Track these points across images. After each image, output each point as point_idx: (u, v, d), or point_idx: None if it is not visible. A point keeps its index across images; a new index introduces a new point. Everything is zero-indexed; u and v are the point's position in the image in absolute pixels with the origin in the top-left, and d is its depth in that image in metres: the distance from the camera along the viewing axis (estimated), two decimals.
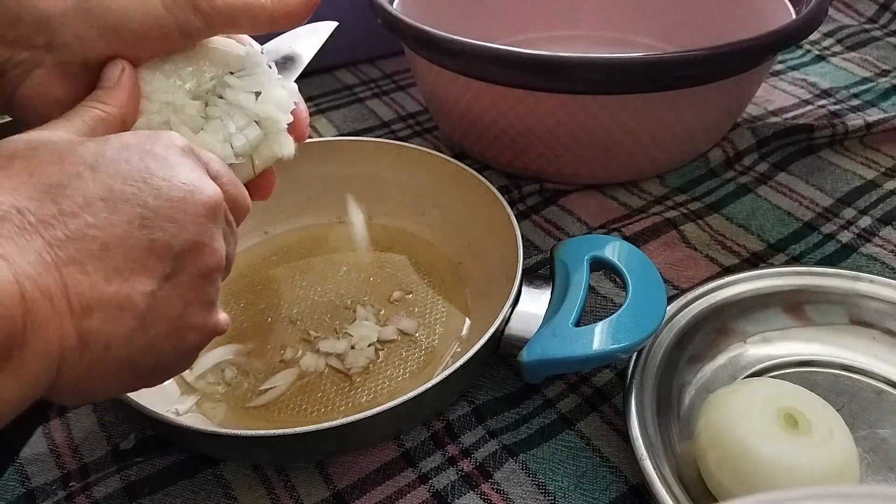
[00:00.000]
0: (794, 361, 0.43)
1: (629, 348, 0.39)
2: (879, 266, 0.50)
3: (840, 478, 0.33)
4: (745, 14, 0.64)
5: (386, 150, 0.53)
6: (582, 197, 0.57)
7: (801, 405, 0.35)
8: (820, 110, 0.66)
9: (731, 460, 0.34)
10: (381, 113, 0.70)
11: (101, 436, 0.41)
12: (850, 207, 0.55)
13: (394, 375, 0.43)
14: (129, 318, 0.24)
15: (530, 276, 0.44)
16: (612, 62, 0.47)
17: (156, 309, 0.25)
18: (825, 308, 0.44)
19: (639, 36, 0.73)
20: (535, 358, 0.39)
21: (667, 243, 0.52)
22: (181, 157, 0.27)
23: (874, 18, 0.83)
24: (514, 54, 0.48)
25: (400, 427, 0.40)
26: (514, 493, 0.37)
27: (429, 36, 0.51)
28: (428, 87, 0.60)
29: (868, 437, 0.38)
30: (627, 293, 0.41)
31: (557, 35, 0.75)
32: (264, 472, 0.39)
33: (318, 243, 0.53)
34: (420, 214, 0.53)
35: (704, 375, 0.42)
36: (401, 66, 0.77)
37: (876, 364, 0.42)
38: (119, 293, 0.24)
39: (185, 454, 0.40)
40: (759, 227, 0.54)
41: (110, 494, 0.38)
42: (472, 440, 0.40)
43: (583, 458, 0.39)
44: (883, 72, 0.72)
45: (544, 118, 0.52)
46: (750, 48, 0.48)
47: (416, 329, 0.46)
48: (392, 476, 0.38)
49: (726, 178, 0.59)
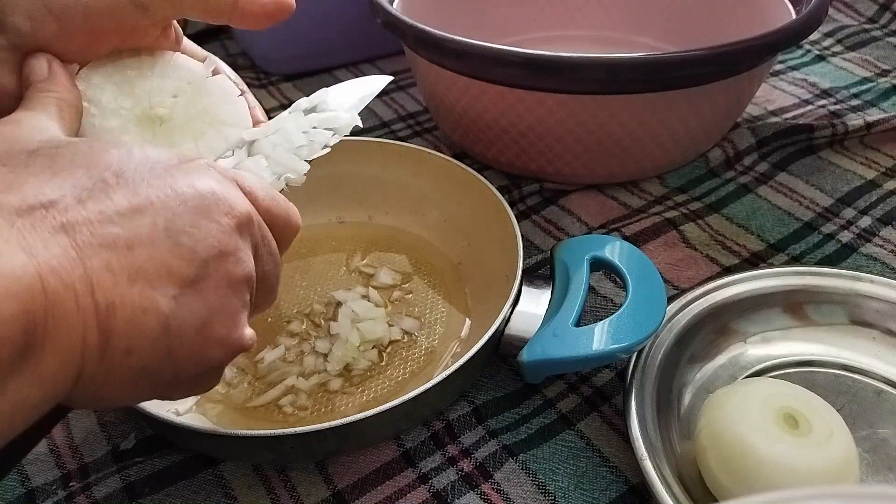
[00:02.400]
0: (794, 361, 0.43)
1: (629, 348, 0.39)
2: (879, 266, 0.50)
3: (840, 478, 0.33)
4: (745, 14, 0.64)
5: (386, 150, 0.53)
6: (582, 197, 0.57)
7: (801, 405, 0.35)
8: (820, 110, 0.66)
9: (731, 460, 0.34)
10: (381, 113, 0.70)
11: (101, 436, 0.41)
12: (850, 207, 0.55)
13: (394, 375, 0.43)
14: (152, 321, 0.23)
15: (530, 276, 0.44)
16: (612, 62, 0.47)
17: (179, 314, 0.24)
18: (825, 308, 0.44)
19: (639, 36, 0.73)
20: (535, 358, 0.39)
21: (667, 243, 0.52)
22: (207, 169, 0.27)
23: (874, 18, 0.83)
24: (514, 54, 0.48)
25: (400, 427, 0.40)
26: (514, 493, 0.37)
27: (429, 36, 0.51)
28: (428, 87, 0.60)
29: (868, 437, 0.38)
30: (627, 293, 0.41)
31: (557, 35, 0.75)
32: (264, 472, 0.39)
33: (318, 243, 0.53)
34: (420, 214, 0.53)
35: (704, 375, 0.42)
36: (401, 66, 0.77)
37: (876, 364, 0.42)
38: (143, 294, 0.23)
39: (185, 454, 0.40)
40: (760, 227, 0.54)
41: (110, 494, 0.38)
42: (472, 440, 0.40)
43: (583, 458, 0.39)
44: (883, 72, 0.72)
45: (544, 118, 0.52)
46: (750, 48, 0.48)
47: (416, 329, 0.46)
48: (392, 476, 0.38)
49: (726, 178, 0.59)
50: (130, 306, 0.23)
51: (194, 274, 0.24)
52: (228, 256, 0.26)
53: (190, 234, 0.24)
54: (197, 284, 0.25)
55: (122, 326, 0.23)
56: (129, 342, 0.23)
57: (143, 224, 0.24)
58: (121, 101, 0.33)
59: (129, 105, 0.33)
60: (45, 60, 0.30)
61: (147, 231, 0.24)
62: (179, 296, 0.24)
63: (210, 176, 0.27)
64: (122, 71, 0.33)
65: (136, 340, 0.23)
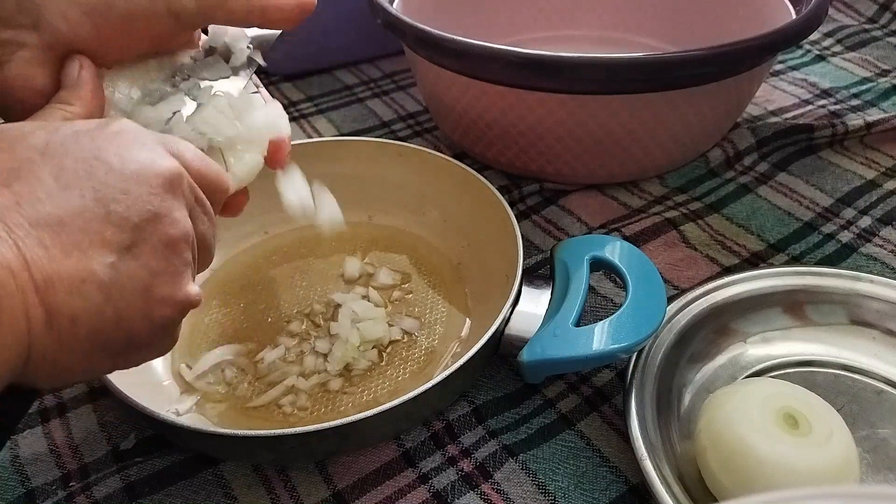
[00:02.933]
0: (794, 361, 0.43)
1: (629, 348, 0.39)
2: (879, 266, 0.50)
3: (840, 478, 0.33)
4: (745, 14, 0.64)
5: (386, 150, 0.53)
6: (582, 197, 0.57)
7: (801, 405, 0.35)
8: (820, 110, 0.66)
9: (732, 460, 0.34)
10: (381, 113, 0.70)
11: (101, 436, 0.41)
12: (850, 207, 0.55)
13: (394, 375, 0.43)
14: (92, 290, 0.24)
15: (530, 276, 0.44)
16: (612, 62, 0.47)
17: (119, 280, 0.25)
18: (825, 308, 0.44)
19: (639, 36, 0.73)
20: (535, 358, 0.39)
21: (667, 243, 0.52)
22: (134, 135, 0.27)
23: (874, 18, 0.83)
24: (514, 54, 0.48)
25: (400, 427, 0.40)
26: (514, 493, 0.37)
27: (429, 36, 0.51)
28: (428, 87, 0.60)
29: (868, 437, 0.38)
30: (627, 293, 0.41)
31: (557, 35, 0.75)
32: (264, 472, 0.39)
33: (318, 243, 0.53)
34: (420, 214, 0.53)
35: (704, 375, 0.42)
36: (401, 66, 0.77)
37: (876, 364, 0.42)
38: (79, 265, 0.24)
39: (185, 454, 0.40)
40: (760, 227, 0.54)
41: (110, 494, 0.38)
42: (472, 440, 0.40)
43: (583, 458, 0.39)
44: (883, 72, 0.72)
45: (544, 118, 0.52)
46: (750, 48, 0.48)
47: (416, 329, 0.46)
48: (392, 476, 0.38)
49: (726, 178, 0.59)
50: (68, 278, 0.23)
51: (129, 239, 0.25)
52: (163, 218, 0.26)
53: (120, 200, 0.25)
54: (134, 249, 0.25)
55: (63, 298, 0.23)
56: (74, 312, 0.24)
57: (72, 197, 0.24)
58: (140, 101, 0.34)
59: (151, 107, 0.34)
60: (76, 66, 0.31)
61: (76, 204, 0.24)
62: (117, 262, 0.25)
63: (136, 140, 0.27)
64: (146, 73, 0.34)
65: (80, 310, 0.24)
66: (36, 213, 0.23)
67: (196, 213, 0.29)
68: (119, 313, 0.25)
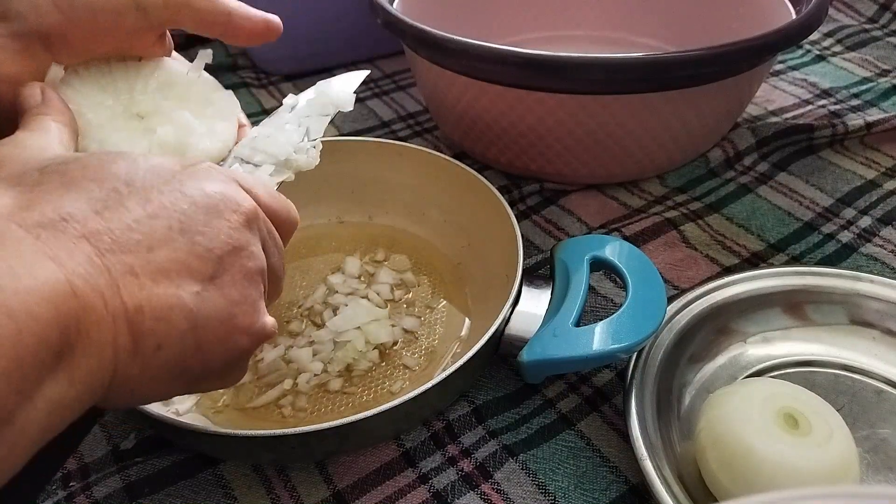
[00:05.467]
0: (794, 361, 0.43)
1: (629, 348, 0.39)
2: (879, 266, 0.50)
3: (840, 478, 0.33)
4: (745, 14, 0.64)
5: (386, 150, 0.53)
6: (582, 197, 0.57)
7: (801, 405, 0.35)
8: (820, 110, 0.66)
9: (732, 460, 0.34)
10: (381, 113, 0.70)
11: (101, 436, 0.41)
12: (850, 207, 0.55)
13: (394, 375, 0.43)
14: (179, 318, 0.24)
15: (530, 276, 0.44)
16: (612, 62, 0.47)
17: (204, 309, 0.25)
18: (825, 308, 0.44)
19: (639, 36, 0.73)
20: (535, 358, 0.39)
21: (667, 243, 0.52)
22: (209, 171, 0.28)
23: (874, 18, 0.83)
24: (514, 54, 0.48)
25: (400, 427, 0.40)
26: (514, 493, 0.37)
27: (429, 36, 0.51)
28: (428, 87, 0.60)
29: (868, 437, 0.38)
30: (627, 293, 0.41)
31: (557, 35, 0.75)
32: (264, 472, 0.39)
33: (318, 243, 0.53)
34: (420, 214, 0.53)
35: (704, 375, 0.42)
36: (401, 66, 0.77)
37: (876, 364, 0.42)
38: (168, 293, 0.24)
39: (185, 454, 0.40)
40: (760, 227, 0.54)
41: (110, 494, 0.38)
42: (472, 440, 0.40)
43: (583, 458, 0.39)
44: (883, 72, 0.72)
45: (544, 118, 0.52)
46: (750, 48, 0.48)
47: (417, 327, 0.46)
48: (392, 476, 0.38)
49: (726, 178, 0.59)
50: (157, 305, 0.24)
51: (212, 270, 0.26)
52: (241, 251, 0.27)
53: (204, 233, 0.26)
54: (216, 279, 0.26)
55: (151, 325, 0.24)
56: (159, 339, 0.24)
57: (159, 227, 0.25)
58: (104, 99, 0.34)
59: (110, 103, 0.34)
60: (38, 87, 0.31)
61: (163, 234, 0.25)
62: (202, 291, 0.25)
63: (213, 177, 0.28)
64: (109, 74, 0.34)
65: (165, 337, 0.24)
66: (126, 240, 0.24)
67: (268, 247, 0.30)
68: (200, 342, 0.25)
